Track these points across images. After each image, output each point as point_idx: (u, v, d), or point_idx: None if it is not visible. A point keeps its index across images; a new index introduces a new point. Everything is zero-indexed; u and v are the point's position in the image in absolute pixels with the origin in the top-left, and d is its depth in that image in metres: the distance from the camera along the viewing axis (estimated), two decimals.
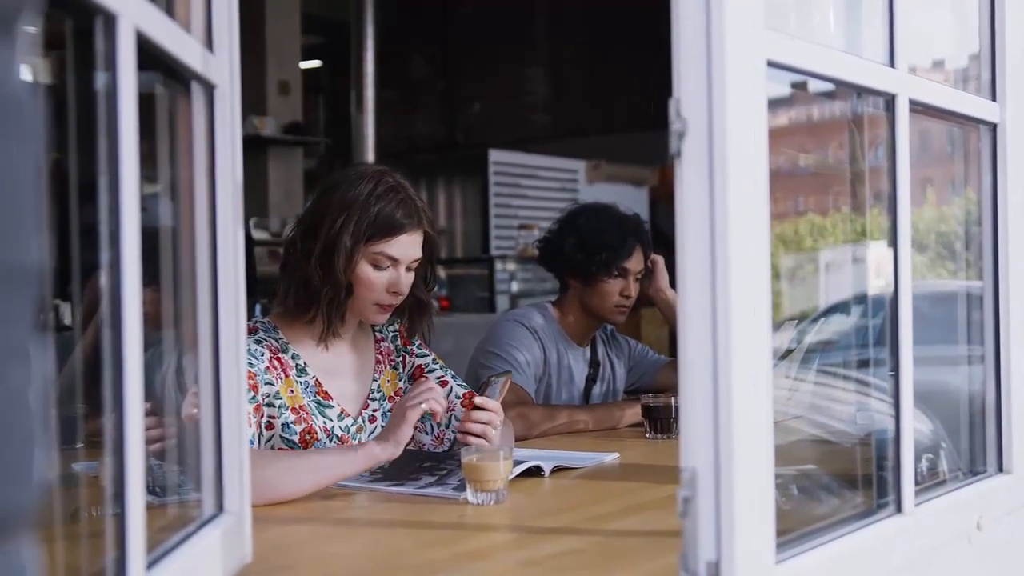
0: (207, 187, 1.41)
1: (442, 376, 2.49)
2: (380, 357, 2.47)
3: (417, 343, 2.52)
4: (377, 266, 2.28)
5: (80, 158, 1.08)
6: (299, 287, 2.28)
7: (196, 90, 1.39)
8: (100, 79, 1.05)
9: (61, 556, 1.16)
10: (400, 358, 2.50)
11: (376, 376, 2.44)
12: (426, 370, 2.49)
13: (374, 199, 2.25)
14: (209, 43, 1.41)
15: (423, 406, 2.09)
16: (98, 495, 1.44)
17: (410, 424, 2.07)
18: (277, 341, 2.29)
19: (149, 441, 1.17)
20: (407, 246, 2.30)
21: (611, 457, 2.46)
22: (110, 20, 1.03)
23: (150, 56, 1.15)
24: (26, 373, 0.61)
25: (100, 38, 1.03)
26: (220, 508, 1.43)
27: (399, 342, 2.51)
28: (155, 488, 1.42)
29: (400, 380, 2.49)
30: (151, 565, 1.13)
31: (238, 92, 1.47)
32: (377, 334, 2.50)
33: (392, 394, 2.46)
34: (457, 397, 2.45)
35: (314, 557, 1.70)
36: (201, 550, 1.31)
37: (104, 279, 1.05)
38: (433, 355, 2.53)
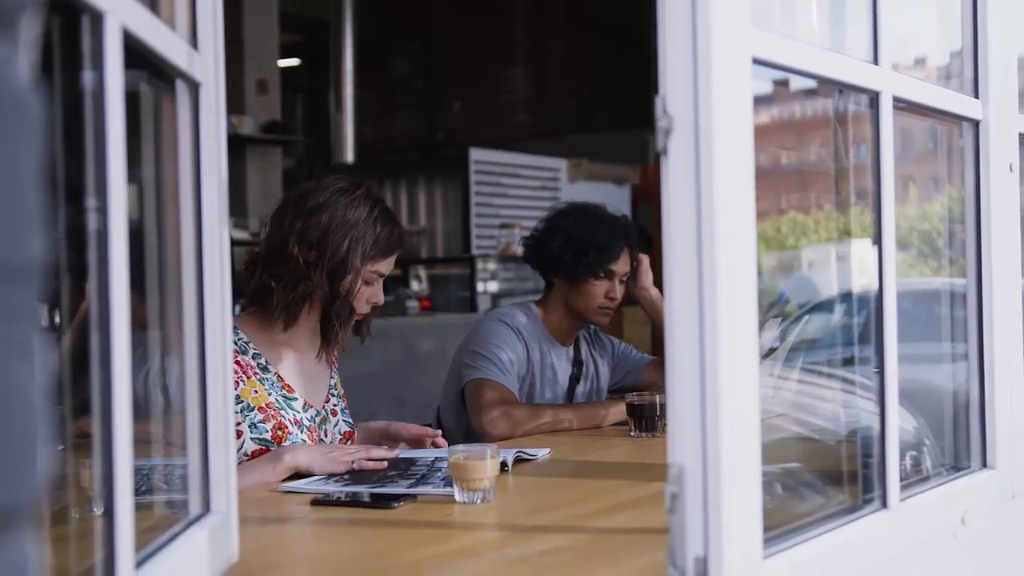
0: (192, 186, 1.41)
1: (335, 406, 2.60)
2: (333, 359, 2.59)
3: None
4: (367, 282, 2.41)
5: (65, 156, 1.07)
6: (297, 299, 2.35)
7: (181, 88, 1.38)
8: (86, 77, 1.05)
9: (49, 556, 1.16)
10: (338, 367, 2.64)
11: (333, 375, 2.57)
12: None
13: (374, 222, 2.39)
14: (194, 41, 1.40)
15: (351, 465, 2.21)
16: (81, 495, 1.43)
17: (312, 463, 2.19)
18: (236, 343, 2.32)
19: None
20: (393, 263, 2.47)
21: (543, 452, 2.47)
22: (97, 18, 1.03)
23: (135, 54, 1.15)
24: (30, 369, 0.61)
25: (87, 36, 1.03)
26: (207, 508, 1.43)
27: (336, 352, 2.62)
28: (139, 488, 1.41)
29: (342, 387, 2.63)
30: (139, 565, 1.13)
31: (223, 90, 1.46)
32: None
33: (342, 394, 2.59)
34: (339, 433, 2.53)
35: (301, 557, 1.69)
36: (188, 550, 1.30)
37: (90, 280, 1.05)
38: None
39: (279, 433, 2.32)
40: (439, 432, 2.57)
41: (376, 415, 2.82)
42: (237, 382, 2.29)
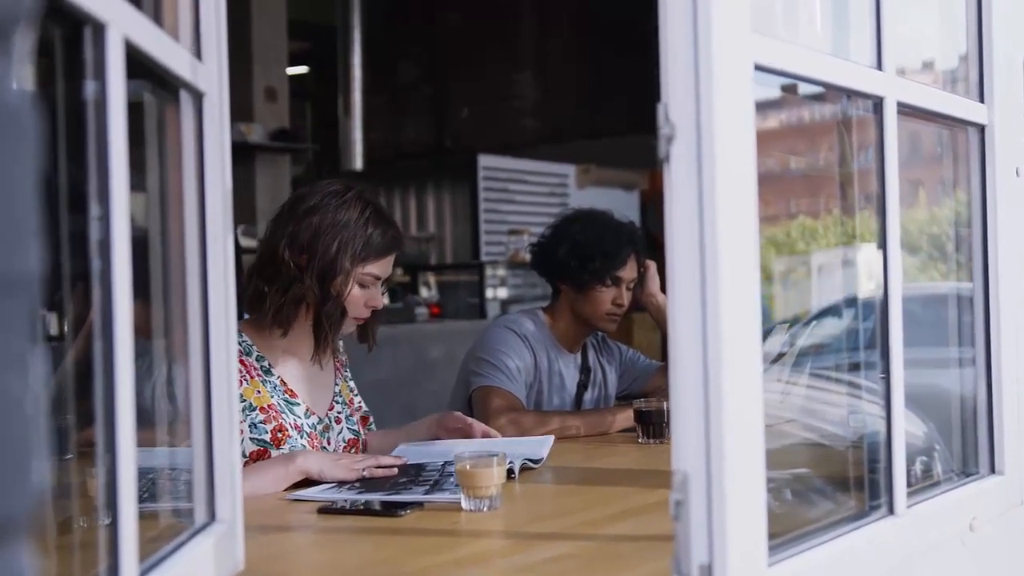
0: (196, 196, 1.41)
1: (360, 403, 2.64)
2: (338, 366, 2.60)
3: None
4: (362, 285, 2.40)
5: (68, 166, 1.08)
6: (289, 302, 2.36)
7: (185, 99, 1.39)
8: (89, 88, 1.05)
9: (54, 565, 1.16)
10: (347, 372, 2.64)
11: (337, 382, 2.57)
12: (353, 394, 2.63)
13: (364, 223, 2.38)
14: (198, 51, 1.40)
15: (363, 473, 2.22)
16: (87, 505, 1.43)
17: (321, 471, 2.19)
18: (240, 344, 2.33)
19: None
20: (390, 265, 2.46)
21: (549, 441, 2.52)
22: (99, 29, 1.03)
23: (138, 64, 1.15)
24: (24, 381, 0.62)
25: (89, 47, 1.03)
26: (212, 517, 1.43)
27: (345, 357, 2.64)
28: (143, 494, 1.41)
29: (351, 392, 2.62)
30: (143, 574, 1.13)
31: (227, 100, 1.46)
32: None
33: (347, 401, 2.58)
34: (343, 441, 2.54)
35: (307, 565, 1.69)
36: (193, 559, 1.31)
37: (94, 289, 1.05)
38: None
39: (278, 435, 2.33)
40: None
41: (385, 422, 2.82)
42: (240, 381, 2.29)
